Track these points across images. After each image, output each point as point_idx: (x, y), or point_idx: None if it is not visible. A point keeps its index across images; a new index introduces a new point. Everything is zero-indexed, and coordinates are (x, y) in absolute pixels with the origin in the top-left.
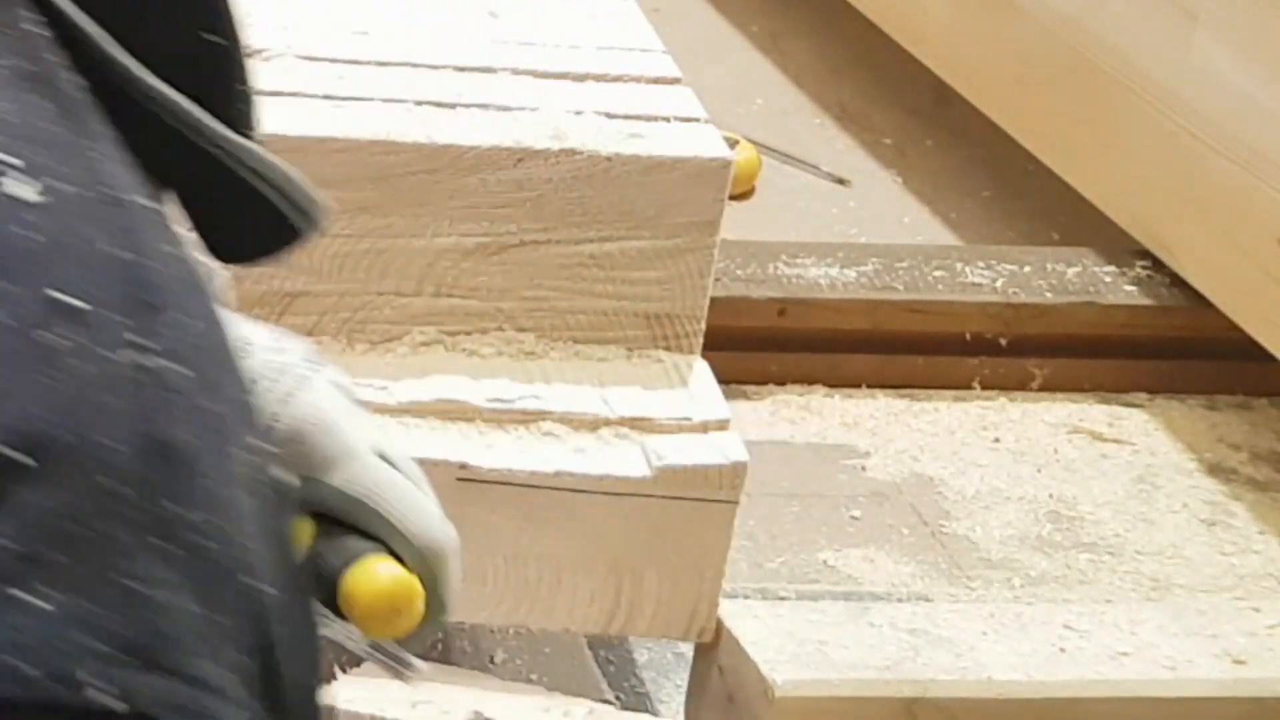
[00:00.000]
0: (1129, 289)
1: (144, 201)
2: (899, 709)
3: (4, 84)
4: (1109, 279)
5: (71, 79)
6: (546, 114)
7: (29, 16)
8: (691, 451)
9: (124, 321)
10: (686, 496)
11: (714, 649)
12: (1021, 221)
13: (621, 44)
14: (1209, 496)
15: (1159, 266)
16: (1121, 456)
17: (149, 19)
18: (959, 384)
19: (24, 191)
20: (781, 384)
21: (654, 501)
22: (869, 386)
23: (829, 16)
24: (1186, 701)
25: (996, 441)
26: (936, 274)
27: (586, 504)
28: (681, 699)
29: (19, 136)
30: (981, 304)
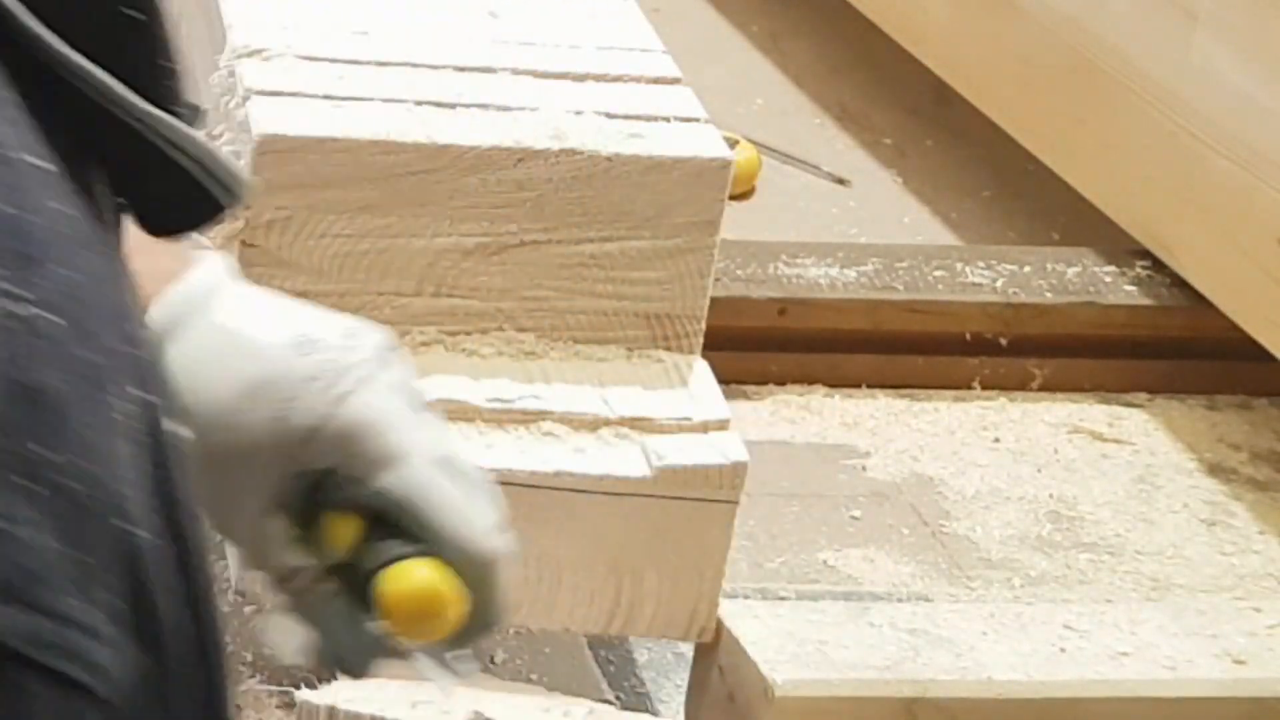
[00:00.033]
0: (1129, 289)
1: (34, 160)
2: (899, 709)
3: None
4: (1109, 279)
5: None
6: (546, 114)
7: None
8: (691, 451)
9: None
10: (686, 496)
11: (714, 649)
12: (1021, 221)
13: (621, 44)
14: (1209, 496)
15: (1159, 266)
16: (1121, 456)
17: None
18: (959, 384)
19: None
20: (781, 384)
21: (654, 501)
22: (869, 386)
23: (829, 16)
24: (1186, 701)
25: (996, 441)
26: (936, 274)
27: (586, 504)
28: (681, 699)
29: None
30: (981, 304)
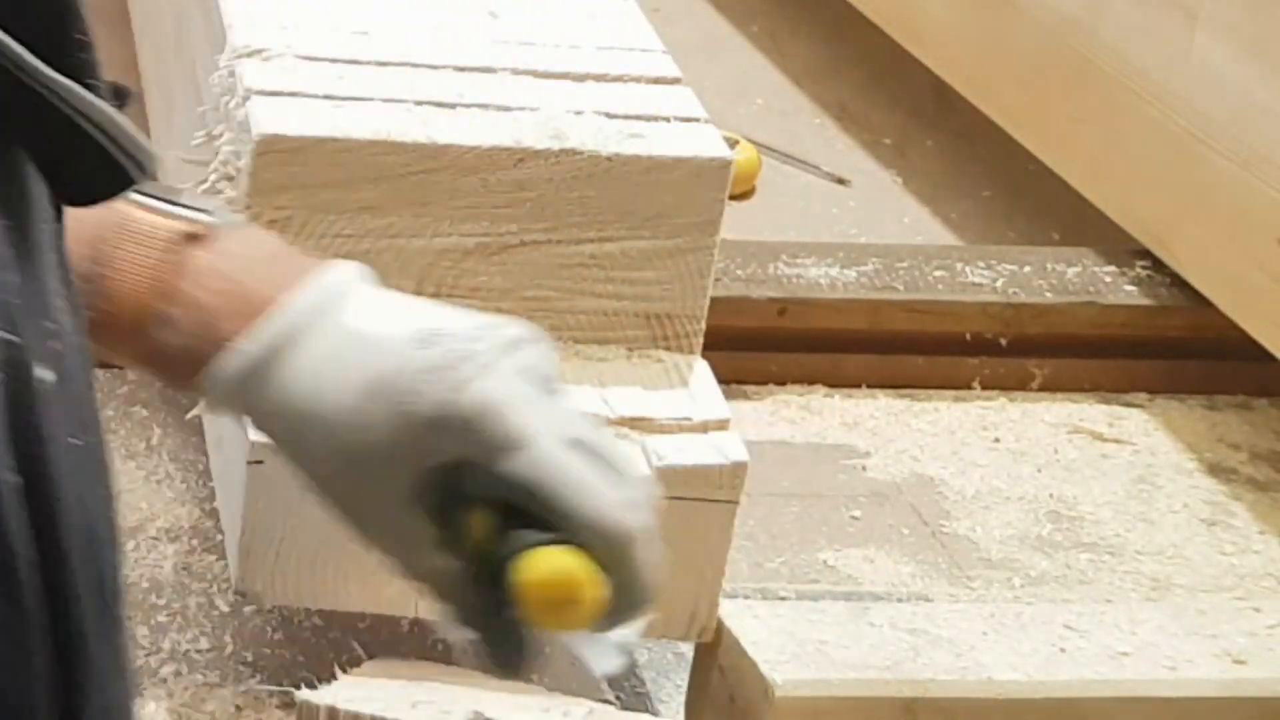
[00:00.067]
0: (1129, 289)
1: None
2: (899, 709)
3: None
4: (1109, 279)
5: None
6: (546, 114)
7: None
8: (691, 451)
9: None
10: (686, 496)
11: (714, 649)
12: (1021, 221)
13: (621, 44)
14: (1209, 496)
15: (1159, 266)
16: (1121, 456)
17: None
18: (959, 384)
19: None
20: (781, 384)
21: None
22: (869, 386)
23: (829, 16)
24: (1186, 701)
25: (996, 441)
26: (936, 274)
27: None
28: (681, 699)
29: None
30: (981, 304)
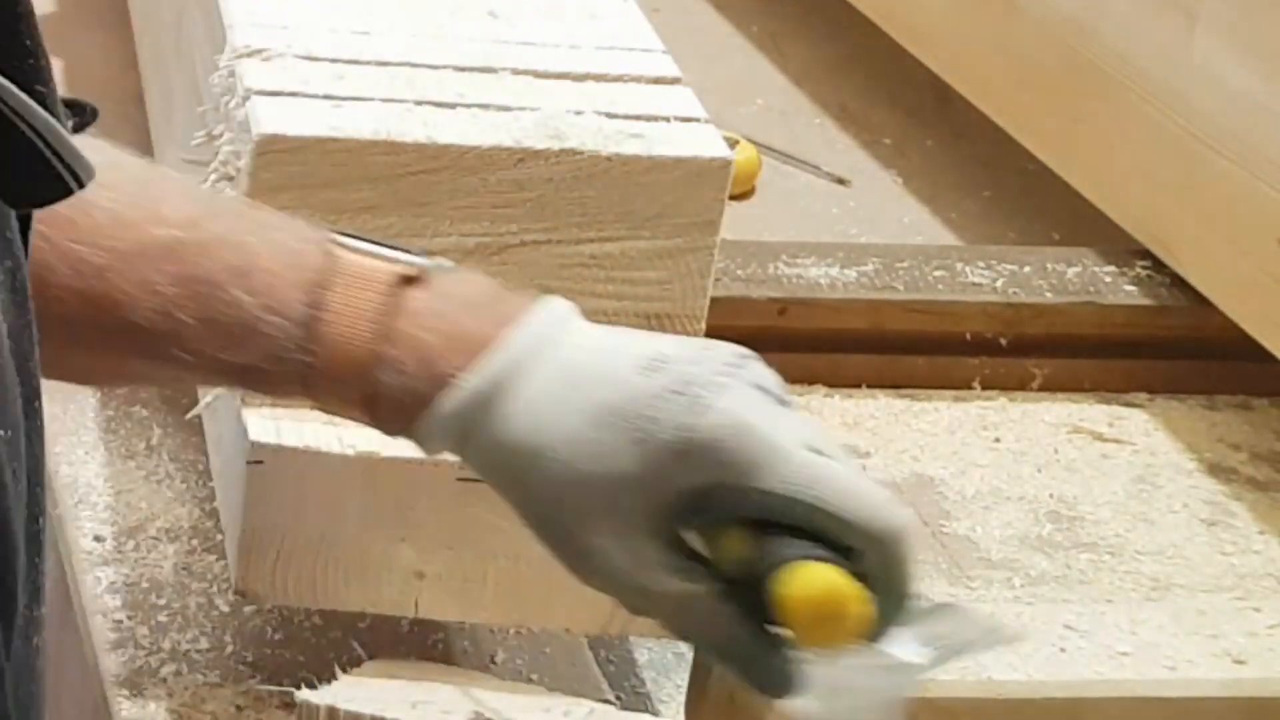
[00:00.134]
0: (1129, 289)
1: None
2: None
3: None
4: (1109, 279)
5: None
6: (546, 114)
7: None
8: None
9: None
10: None
11: None
12: (1021, 221)
13: (621, 44)
14: (1209, 496)
15: (1159, 266)
16: (1121, 456)
17: None
18: (959, 384)
19: None
20: None
21: None
22: (869, 386)
23: (829, 16)
24: (1186, 701)
25: (997, 441)
26: (936, 274)
27: None
28: (681, 699)
29: None
30: (981, 304)
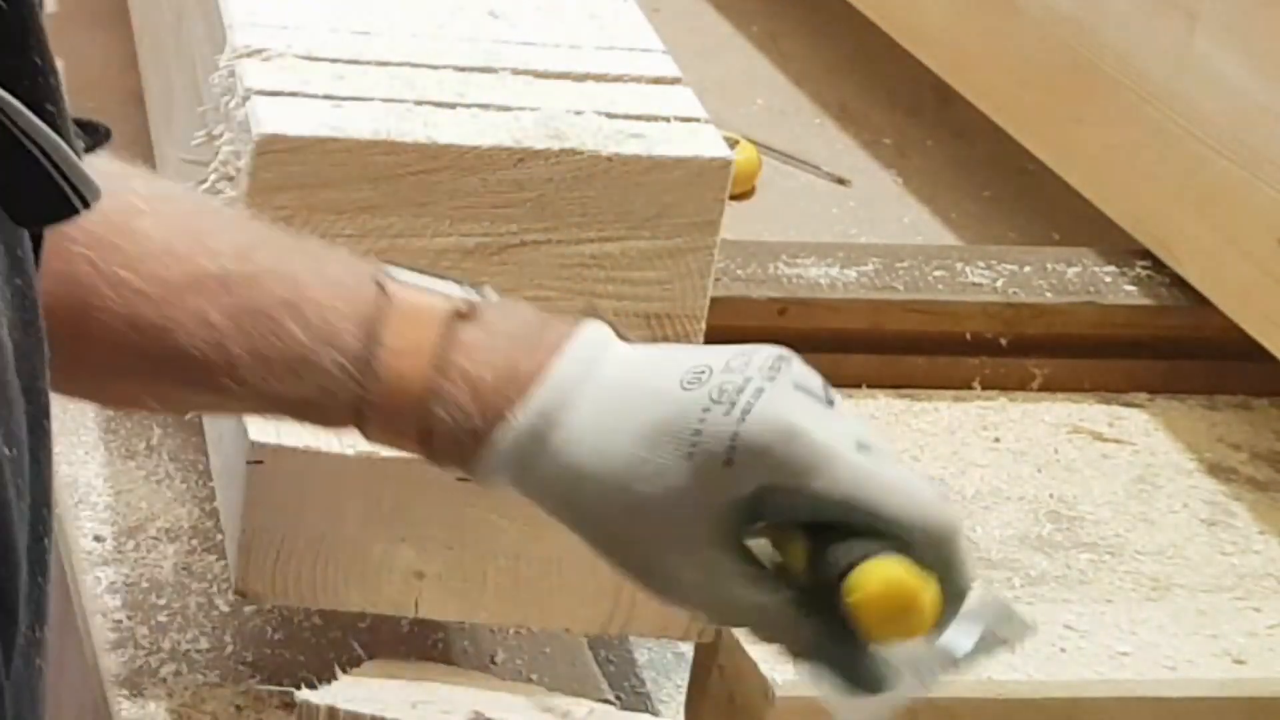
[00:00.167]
0: (1129, 289)
1: None
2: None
3: None
4: (1109, 279)
5: None
6: (546, 114)
7: None
8: None
9: None
10: None
11: (714, 649)
12: (1021, 221)
13: (621, 44)
14: (1209, 496)
15: (1159, 266)
16: (1121, 456)
17: None
18: (959, 384)
19: None
20: None
21: None
22: (869, 386)
23: (829, 16)
24: (1186, 701)
25: (996, 441)
26: (936, 274)
27: None
28: (681, 699)
29: None
30: (981, 304)
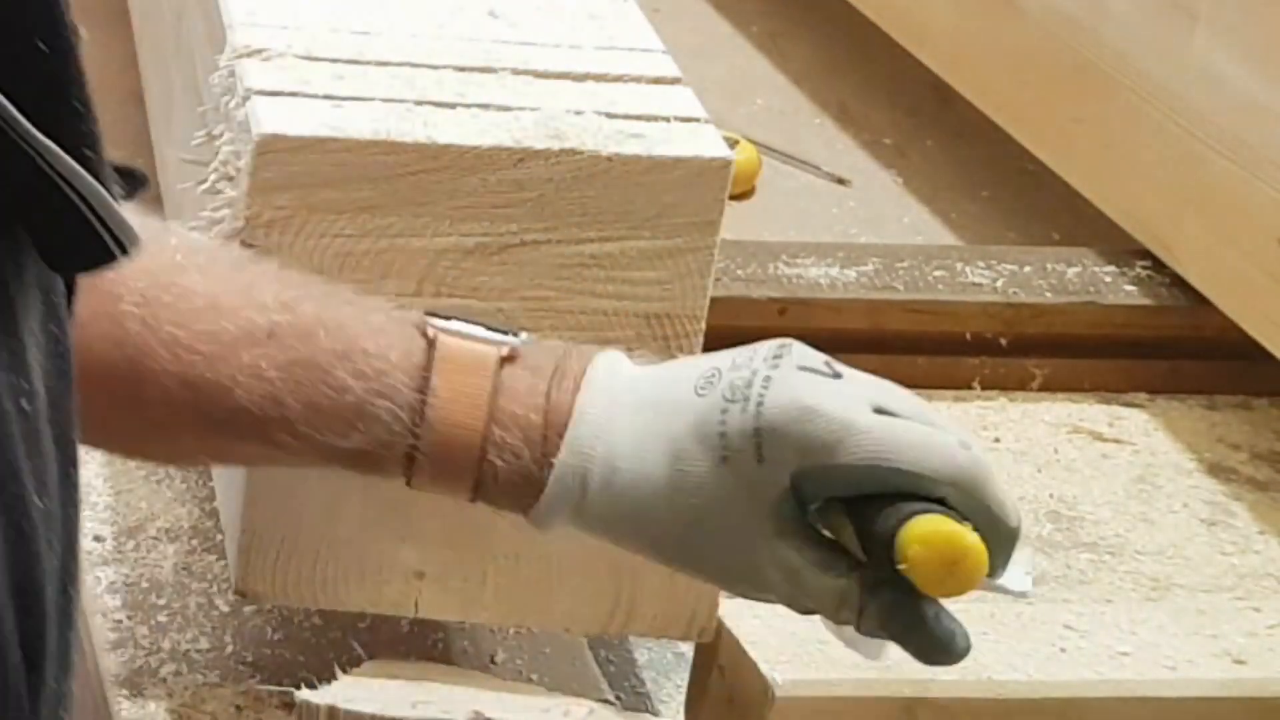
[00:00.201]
0: (1129, 289)
1: None
2: (899, 709)
3: None
4: (1109, 279)
5: None
6: (546, 114)
7: None
8: None
9: None
10: None
11: (714, 649)
12: (1021, 221)
13: (621, 44)
14: (1209, 496)
15: (1159, 266)
16: (1121, 456)
17: None
18: (959, 384)
19: None
20: None
21: None
22: None
23: (829, 16)
24: (1186, 701)
25: (996, 441)
26: (936, 274)
27: None
28: (681, 699)
29: None
30: (981, 304)
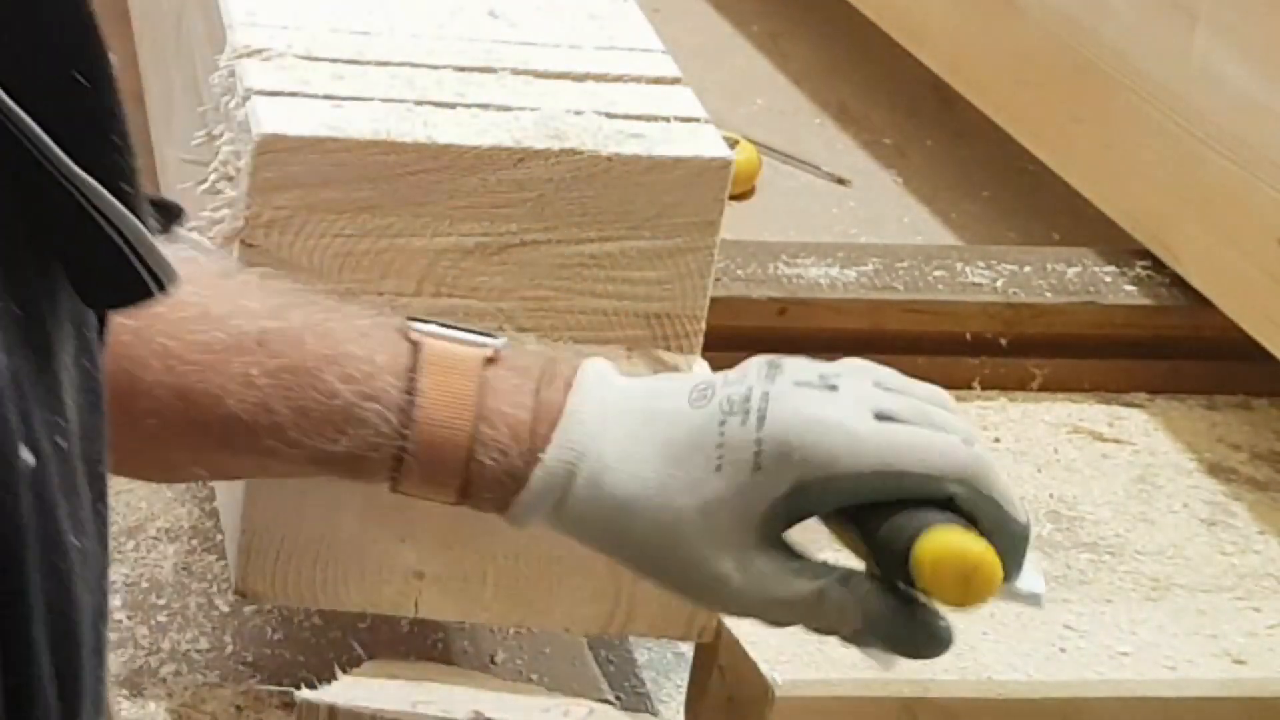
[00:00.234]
0: (1129, 289)
1: None
2: (899, 709)
3: None
4: (1109, 279)
5: None
6: (546, 114)
7: None
8: None
9: None
10: None
11: (714, 649)
12: (1021, 221)
13: (621, 44)
14: (1209, 496)
15: (1159, 266)
16: (1121, 456)
17: (18, 52)
18: (959, 384)
19: None
20: None
21: None
22: None
23: (829, 16)
24: (1186, 701)
25: (996, 441)
26: (936, 274)
27: None
28: (681, 699)
29: None
30: (981, 304)
